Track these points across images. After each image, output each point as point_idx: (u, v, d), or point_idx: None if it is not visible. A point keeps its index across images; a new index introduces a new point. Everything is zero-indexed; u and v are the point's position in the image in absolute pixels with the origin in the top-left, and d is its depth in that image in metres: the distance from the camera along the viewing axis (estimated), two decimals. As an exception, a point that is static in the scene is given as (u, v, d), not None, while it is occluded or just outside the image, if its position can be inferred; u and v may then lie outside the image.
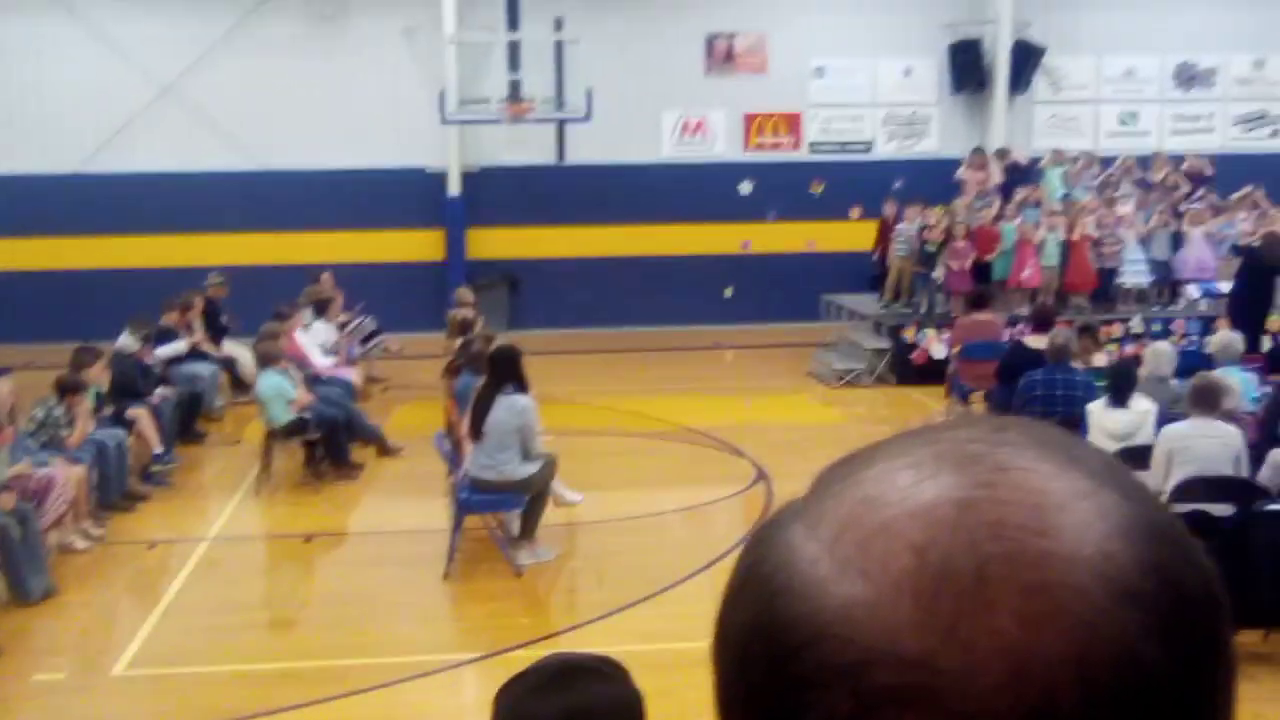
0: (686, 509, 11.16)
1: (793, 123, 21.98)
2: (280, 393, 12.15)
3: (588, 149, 21.11)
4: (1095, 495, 0.69)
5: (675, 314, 21.20)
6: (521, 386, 9.78)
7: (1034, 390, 10.51)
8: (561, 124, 20.48)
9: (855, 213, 20.98)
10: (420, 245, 21.23)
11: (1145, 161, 19.51)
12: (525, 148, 20.74)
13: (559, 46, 19.41)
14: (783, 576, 0.71)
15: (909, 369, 16.54)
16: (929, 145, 22.09)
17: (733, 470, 12.42)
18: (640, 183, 21.36)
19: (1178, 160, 19.43)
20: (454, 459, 10.22)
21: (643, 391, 16.51)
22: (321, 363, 14.42)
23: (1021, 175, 19.16)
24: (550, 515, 10.16)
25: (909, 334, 16.71)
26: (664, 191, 21.42)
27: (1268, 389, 11.04)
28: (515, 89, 18.70)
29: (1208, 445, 8.26)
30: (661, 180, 21.45)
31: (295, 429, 12.26)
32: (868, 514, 0.70)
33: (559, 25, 20.19)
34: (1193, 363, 11.51)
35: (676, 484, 12.19)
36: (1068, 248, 17.05)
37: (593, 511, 10.95)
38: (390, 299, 18.81)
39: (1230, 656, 0.70)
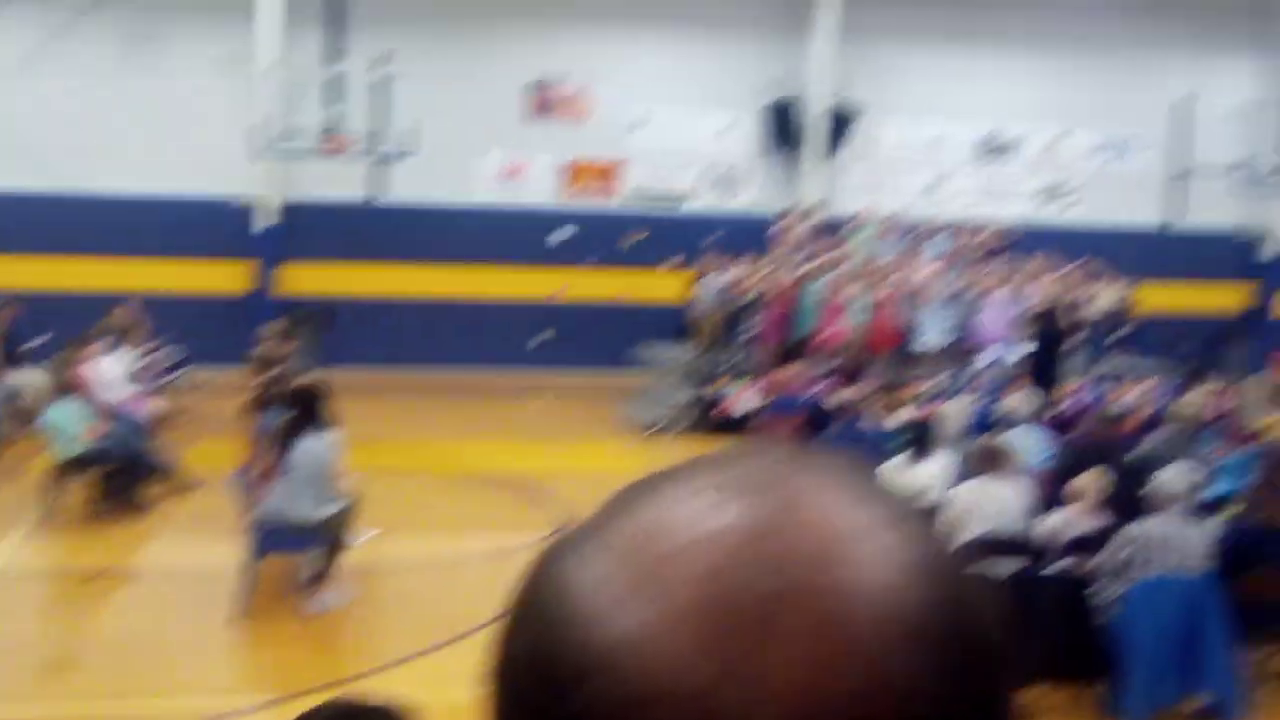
0: (490, 553, 11.08)
1: (612, 171, 22.15)
2: (70, 423, 11.72)
3: (406, 187, 20.95)
4: (888, 531, 0.68)
5: (488, 357, 21.11)
6: (325, 425, 9.61)
7: (837, 444, 10.73)
8: (380, 161, 20.29)
9: (671, 263, 21.22)
10: (229, 277, 20.76)
11: (949, 226, 20.18)
12: (342, 183, 20.49)
13: (380, 83, 19.29)
14: (563, 603, 0.68)
15: (716, 421, 16.72)
16: (746, 200, 22.47)
17: (538, 516, 12.38)
18: (458, 224, 21.26)
19: (980, 227, 20.14)
20: (251, 497, 9.97)
21: (452, 434, 16.38)
22: (117, 394, 13.95)
23: (832, 234, 19.62)
24: (348, 557, 9.98)
25: (718, 386, 16.91)
26: (481, 234, 21.35)
27: (1056, 450, 11.45)
28: (334, 123, 18.50)
29: (997, 503, 8.52)
30: (479, 222, 21.38)
31: (85, 461, 11.83)
32: (654, 541, 0.67)
33: (381, 61, 20.06)
34: (987, 422, 11.88)
35: (480, 528, 12.09)
36: (872, 307, 17.51)
37: (393, 554, 10.79)
38: (195, 331, 18.35)
39: (1013, 701, 0.69)
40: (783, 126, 22.03)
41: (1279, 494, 8.04)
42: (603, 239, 21.83)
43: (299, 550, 9.81)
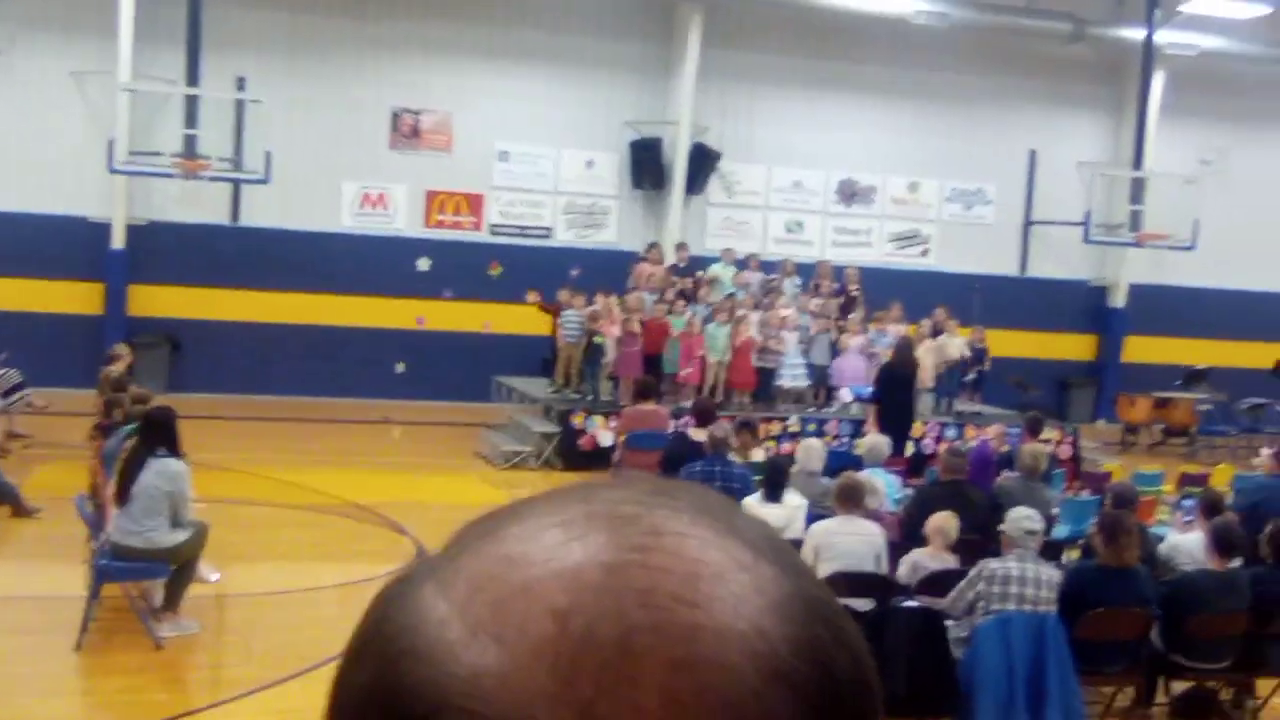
0: (343, 585, 10.91)
1: (475, 203, 22.09)
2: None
3: (264, 212, 20.64)
4: (753, 568, 0.66)
5: (345, 386, 20.86)
6: (175, 450, 9.38)
7: (694, 480, 10.80)
8: (238, 184, 19.98)
9: (531, 297, 21.19)
10: (78, 297, 20.21)
11: (807, 269, 20.50)
12: (198, 205, 20.13)
13: (240, 105, 19.03)
14: (408, 638, 0.65)
15: (576, 454, 16.71)
16: (607, 236, 22.58)
17: (393, 547, 12.23)
18: (316, 251, 21.00)
19: (838, 270, 20.50)
20: (96, 523, 9.68)
21: (306, 463, 16.12)
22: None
23: (693, 273, 19.79)
24: (196, 586, 9.74)
25: (577, 420, 16.91)
26: (340, 261, 21.12)
27: (909, 491, 11.67)
28: (191, 144, 18.18)
29: (852, 542, 8.65)
30: (339, 250, 21.15)
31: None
32: (507, 574, 0.64)
33: (241, 84, 19.80)
34: (843, 462, 12.05)
35: (334, 559, 11.91)
36: (732, 346, 17.69)
37: (243, 584, 10.56)
38: (41, 351, 17.84)
39: None
40: (646, 165, 22.20)
41: (1120, 537, 8.27)
42: (462, 270, 21.74)
43: (146, 577, 9.56)
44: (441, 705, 0.62)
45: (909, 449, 15.57)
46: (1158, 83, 23.76)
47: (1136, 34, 23.21)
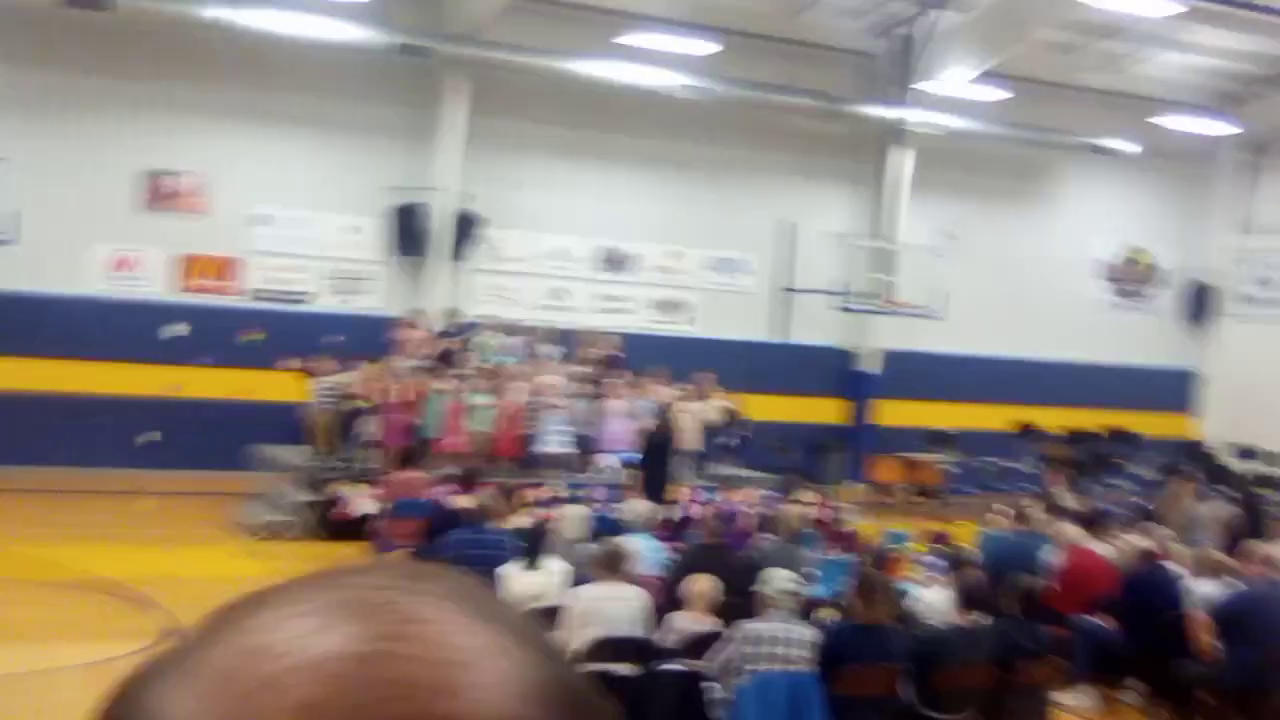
0: (87, 665, 10.43)
1: (232, 268, 21.58)
2: None
3: (9, 275, 19.77)
4: (507, 654, 0.65)
5: (94, 456, 19.99)
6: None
7: (458, 548, 10.71)
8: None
9: (292, 364, 20.76)
10: None
11: (570, 335, 20.66)
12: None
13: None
14: None
15: (337, 524, 16.38)
16: (371, 302, 22.32)
17: (143, 624, 11.77)
18: (64, 315, 20.18)
19: (600, 336, 20.71)
20: None
21: (48, 537, 15.39)
22: None
23: (455, 338, 19.72)
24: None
25: (335, 489, 16.60)
26: (89, 326, 20.32)
27: (673, 555, 11.81)
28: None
29: (614, 607, 8.71)
30: (88, 315, 20.36)
31: None
32: (253, 666, 0.62)
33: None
34: (606, 527, 12.13)
35: (78, 638, 11.39)
36: (495, 412, 17.66)
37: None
38: None
39: None
40: (407, 231, 22.08)
41: (873, 595, 8.54)
42: (219, 336, 21.18)
43: None
44: None
45: (669, 513, 15.74)
46: (908, 159, 24.85)
47: (886, 113, 24.27)
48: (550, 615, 8.76)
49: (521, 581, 9.58)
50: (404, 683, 0.61)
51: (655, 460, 16.57)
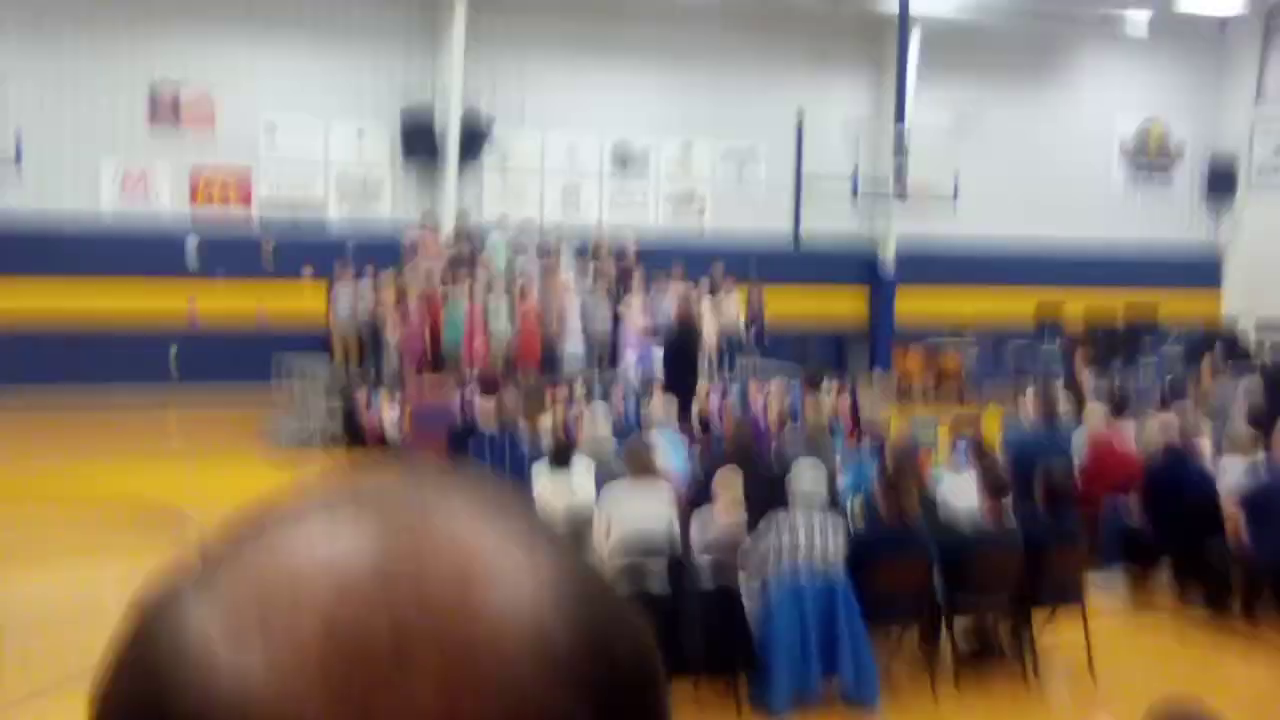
0: (124, 581, 10.52)
1: (242, 181, 21.47)
2: None
3: (16, 196, 19.71)
4: (528, 555, 0.65)
5: (117, 374, 20.08)
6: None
7: (482, 454, 10.74)
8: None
9: (307, 272, 20.74)
10: None
11: (585, 235, 20.55)
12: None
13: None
14: (169, 647, 0.62)
15: (362, 432, 16.45)
16: (381, 209, 22.23)
17: (177, 538, 11.87)
18: (77, 235, 20.14)
19: (615, 236, 20.60)
20: None
21: (75, 456, 15.50)
22: None
23: (470, 244, 19.64)
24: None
25: (361, 397, 16.64)
26: (103, 246, 20.30)
27: (696, 450, 11.83)
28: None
29: (643, 504, 8.73)
30: (100, 234, 20.32)
31: None
32: (273, 579, 0.62)
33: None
34: (629, 426, 12.15)
35: (114, 555, 11.49)
36: (514, 316, 17.61)
37: (15, 585, 10.12)
38: None
39: (665, 715, 0.67)
40: (417, 135, 21.91)
41: (899, 486, 8.54)
42: (234, 251, 21.14)
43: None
44: (213, 715, 0.59)
45: (693, 410, 15.76)
46: (914, 42, 24.47)
47: (893, -5, 23.89)
48: (580, 514, 8.79)
49: (550, 481, 9.60)
50: (422, 583, 0.61)
51: (676, 357, 16.54)
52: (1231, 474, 10.63)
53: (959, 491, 9.96)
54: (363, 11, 21.75)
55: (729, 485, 8.93)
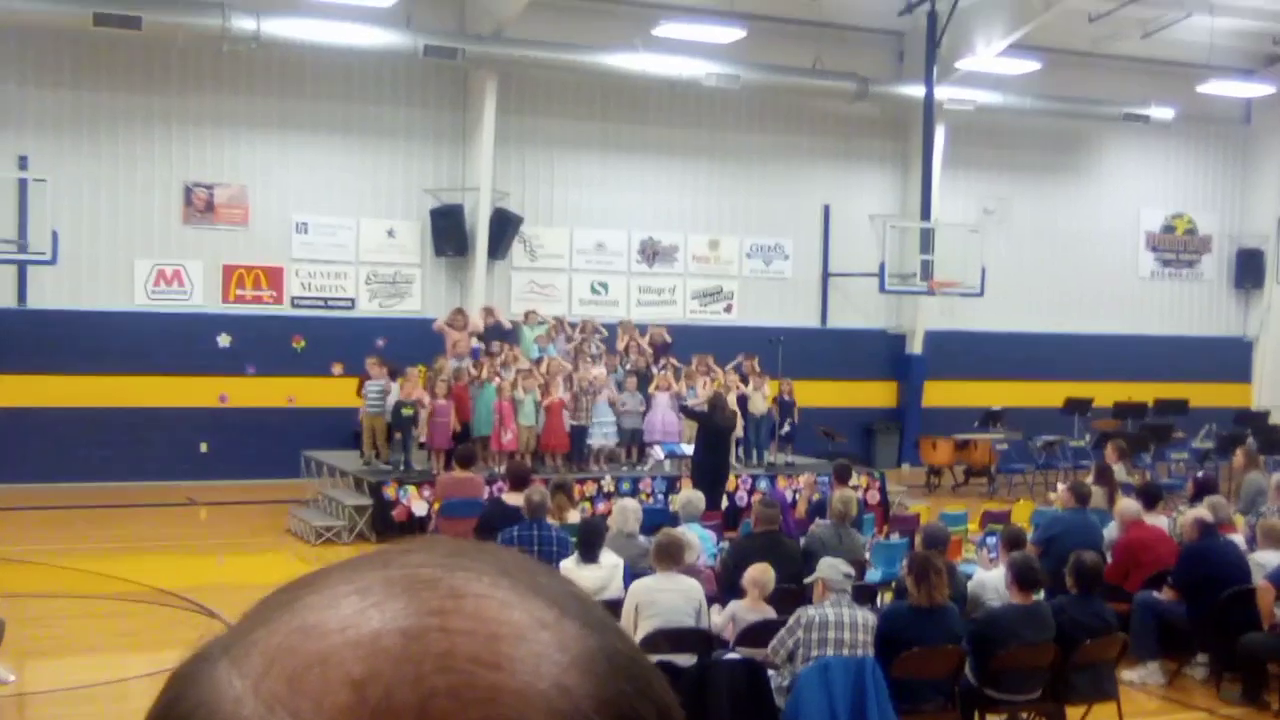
0: (153, 674, 10.51)
1: (274, 276, 21.70)
2: None
3: (53, 294, 19.98)
4: (556, 626, 0.65)
5: (147, 469, 20.20)
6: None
7: (511, 546, 10.73)
8: (23, 265, 19.30)
9: (337, 369, 20.89)
10: None
11: (614, 328, 20.64)
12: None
13: (22, 184, 18.41)
14: (201, 711, 0.63)
15: (390, 526, 16.44)
16: (412, 305, 22.40)
17: (205, 632, 11.81)
18: (111, 331, 20.35)
19: (644, 328, 20.68)
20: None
21: (109, 551, 15.54)
22: None
23: (500, 336, 19.73)
24: (-3, 687, 9.30)
25: (390, 491, 16.66)
26: (136, 341, 20.50)
27: (725, 544, 11.79)
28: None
29: (672, 598, 8.70)
30: (134, 330, 20.53)
31: None
32: (303, 645, 0.63)
33: (23, 163, 19.20)
34: (658, 519, 12.12)
35: (144, 649, 11.48)
36: (543, 408, 17.65)
37: (46, 680, 10.11)
38: None
39: None
40: (447, 232, 22.12)
41: (928, 577, 8.49)
42: (266, 345, 21.32)
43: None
44: None
45: (722, 502, 15.73)
46: (939, 136, 24.67)
47: (917, 91, 24.09)
48: (610, 609, 8.75)
49: (579, 576, 9.57)
50: (450, 655, 0.61)
51: (706, 449, 16.52)
52: (1265, 567, 10.52)
53: (989, 586, 9.89)
54: (393, 111, 22.09)
55: (757, 579, 8.90)
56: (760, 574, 8.94)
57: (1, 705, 9.44)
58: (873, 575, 11.26)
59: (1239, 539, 11.89)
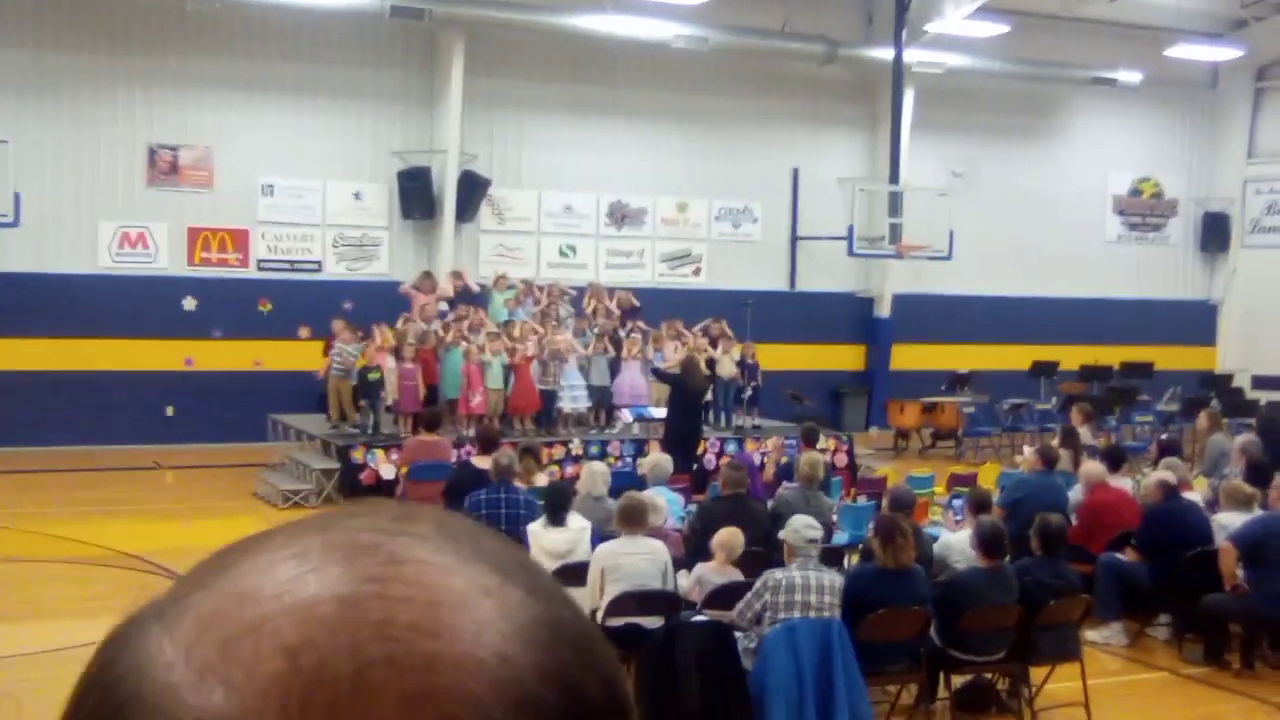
0: (118, 640, 10.46)
1: (240, 239, 21.55)
2: None
3: (17, 257, 19.79)
4: (499, 593, 0.64)
5: (112, 433, 20.08)
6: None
7: (479, 509, 10.72)
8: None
9: (304, 332, 20.77)
10: None
11: (582, 291, 20.60)
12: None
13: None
14: (133, 682, 0.62)
15: (358, 489, 16.38)
16: (379, 268, 22.30)
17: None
18: (75, 294, 20.19)
19: (612, 291, 20.64)
20: None
21: (73, 515, 15.46)
22: None
23: (469, 301, 19.67)
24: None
25: (358, 454, 16.61)
26: (101, 304, 20.35)
27: (693, 507, 11.81)
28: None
29: (638, 561, 8.71)
30: (98, 292, 20.37)
31: None
32: (236, 611, 0.62)
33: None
34: (626, 482, 12.13)
35: (108, 613, 11.37)
36: (511, 371, 17.62)
37: (10, 644, 10.07)
38: None
39: None
40: (415, 194, 22.01)
41: (895, 540, 8.53)
42: (231, 308, 21.19)
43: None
44: None
45: (690, 465, 15.74)
46: (908, 100, 24.65)
47: (886, 54, 24.06)
48: (577, 572, 8.77)
49: (547, 539, 9.58)
50: (388, 623, 0.61)
51: (674, 412, 16.52)
52: (1228, 528, 10.62)
53: (955, 548, 9.94)
54: (360, 73, 21.91)
55: (725, 542, 8.92)
56: (729, 538, 8.96)
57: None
58: (840, 538, 11.32)
59: (1197, 498, 12.00)
